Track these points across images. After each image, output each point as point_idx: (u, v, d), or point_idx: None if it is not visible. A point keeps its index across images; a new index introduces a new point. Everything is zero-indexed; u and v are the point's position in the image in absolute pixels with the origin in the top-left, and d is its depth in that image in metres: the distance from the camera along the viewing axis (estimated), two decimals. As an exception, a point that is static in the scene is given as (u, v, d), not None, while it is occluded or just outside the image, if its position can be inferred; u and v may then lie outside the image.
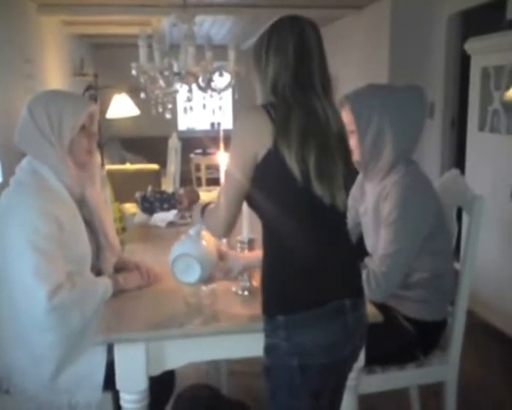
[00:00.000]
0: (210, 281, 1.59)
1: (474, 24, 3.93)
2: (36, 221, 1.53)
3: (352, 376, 1.56)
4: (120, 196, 3.52)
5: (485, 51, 3.28)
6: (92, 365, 1.59)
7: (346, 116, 1.76)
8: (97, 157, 1.82)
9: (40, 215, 1.53)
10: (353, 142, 1.77)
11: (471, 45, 3.39)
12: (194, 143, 7.34)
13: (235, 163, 1.28)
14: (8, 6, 3.83)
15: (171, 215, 2.66)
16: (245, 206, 1.53)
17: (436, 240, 1.75)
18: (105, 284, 1.64)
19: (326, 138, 1.25)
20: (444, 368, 1.86)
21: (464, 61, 3.83)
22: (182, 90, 2.82)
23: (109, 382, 1.52)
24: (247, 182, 1.27)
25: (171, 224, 2.58)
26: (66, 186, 1.64)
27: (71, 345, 1.58)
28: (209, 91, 2.79)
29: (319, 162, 1.22)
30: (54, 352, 1.56)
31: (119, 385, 1.45)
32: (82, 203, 1.72)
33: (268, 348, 1.32)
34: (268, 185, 1.26)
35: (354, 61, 5.49)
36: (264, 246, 1.35)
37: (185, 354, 1.50)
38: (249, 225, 1.58)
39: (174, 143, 5.15)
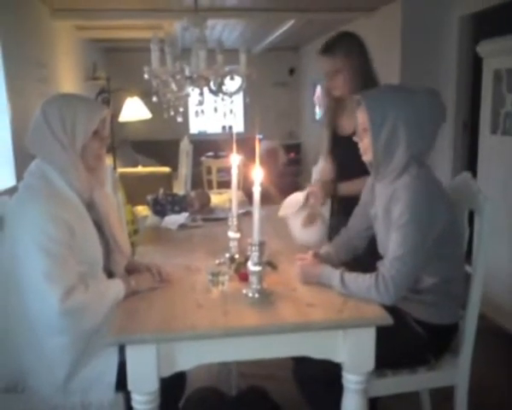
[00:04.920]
0: None
1: (486, 26, 3.91)
2: (46, 226, 1.54)
3: (361, 379, 1.57)
4: (132, 198, 3.54)
5: (497, 54, 3.27)
6: (104, 365, 1.60)
7: (361, 115, 1.77)
8: (107, 161, 1.83)
9: (50, 220, 1.55)
10: (366, 141, 1.77)
11: (483, 48, 3.37)
12: (206, 146, 7.37)
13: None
14: (21, 11, 3.88)
15: (182, 218, 2.68)
16: (256, 209, 1.54)
17: (447, 245, 1.74)
18: (117, 287, 1.66)
19: None
20: (455, 372, 1.84)
21: (476, 64, 3.81)
22: (193, 93, 2.83)
23: (121, 382, 1.53)
24: None
25: (182, 226, 2.60)
26: (75, 189, 1.65)
27: (84, 347, 1.59)
28: (220, 95, 2.79)
29: None
30: (67, 355, 1.57)
31: (130, 386, 1.46)
32: (91, 207, 1.74)
33: None
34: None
35: (365, 64, 5.47)
36: None
37: (196, 355, 1.51)
38: (260, 228, 1.59)
39: (185, 146, 5.18)
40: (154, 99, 2.82)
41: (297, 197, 2.15)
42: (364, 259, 1.95)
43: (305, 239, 2.10)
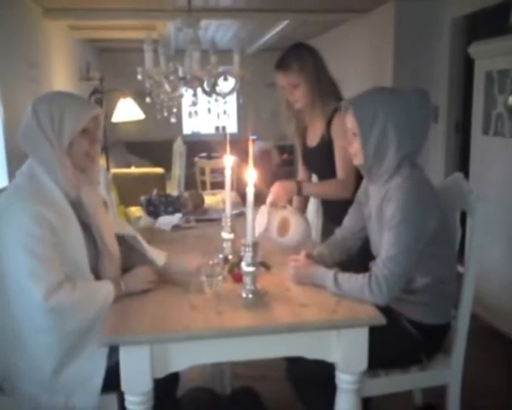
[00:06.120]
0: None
1: (478, 28, 3.94)
2: (30, 226, 1.53)
3: (354, 379, 1.57)
4: (125, 199, 3.53)
5: (489, 55, 3.29)
6: (91, 369, 1.59)
7: (350, 120, 1.77)
8: (99, 162, 1.81)
9: (34, 219, 1.54)
10: (356, 145, 1.78)
11: (475, 49, 3.39)
12: (199, 146, 7.36)
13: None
14: (13, 10, 3.86)
15: (175, 219, 2.68)
16: (249, 209, 1.54)
17: (439, 245, 1.75)
18: (107, 288, 1.64)
19: None
20: (447, 371, 1.86)
21: (468, 65, 3.83)
22: (187, 94, 2.83)
23: (114, 383, 1.53)
24: None
25: (175, 227, 2.59)
26: (61, 186, 1.63)
27: (69, 347, 1.57)
28: (214, 96, 2.80)
29: None
30: (51, 353, 1.56)
31: (123, 387, 1.46)
32: (78, 206, 1.71)
33: None
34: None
35: (359, 65, 5.50)
36: None
37: (189, 356, 1.51)
38: (253, 229, 1.59)
39: (179, 147, 5.18)
40: (148, 100, 2.82)
41: (263, 211, 2.14)
42: (358, 259, 1.96)
43: (287, 245, 2.08)
